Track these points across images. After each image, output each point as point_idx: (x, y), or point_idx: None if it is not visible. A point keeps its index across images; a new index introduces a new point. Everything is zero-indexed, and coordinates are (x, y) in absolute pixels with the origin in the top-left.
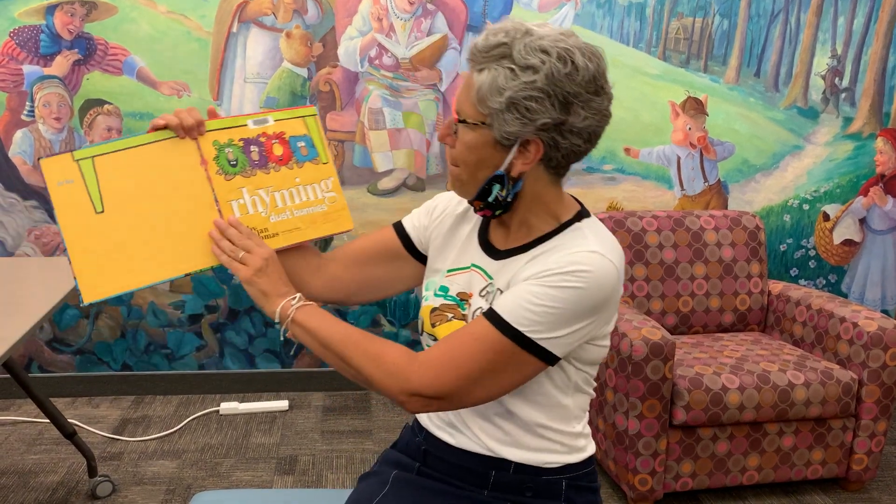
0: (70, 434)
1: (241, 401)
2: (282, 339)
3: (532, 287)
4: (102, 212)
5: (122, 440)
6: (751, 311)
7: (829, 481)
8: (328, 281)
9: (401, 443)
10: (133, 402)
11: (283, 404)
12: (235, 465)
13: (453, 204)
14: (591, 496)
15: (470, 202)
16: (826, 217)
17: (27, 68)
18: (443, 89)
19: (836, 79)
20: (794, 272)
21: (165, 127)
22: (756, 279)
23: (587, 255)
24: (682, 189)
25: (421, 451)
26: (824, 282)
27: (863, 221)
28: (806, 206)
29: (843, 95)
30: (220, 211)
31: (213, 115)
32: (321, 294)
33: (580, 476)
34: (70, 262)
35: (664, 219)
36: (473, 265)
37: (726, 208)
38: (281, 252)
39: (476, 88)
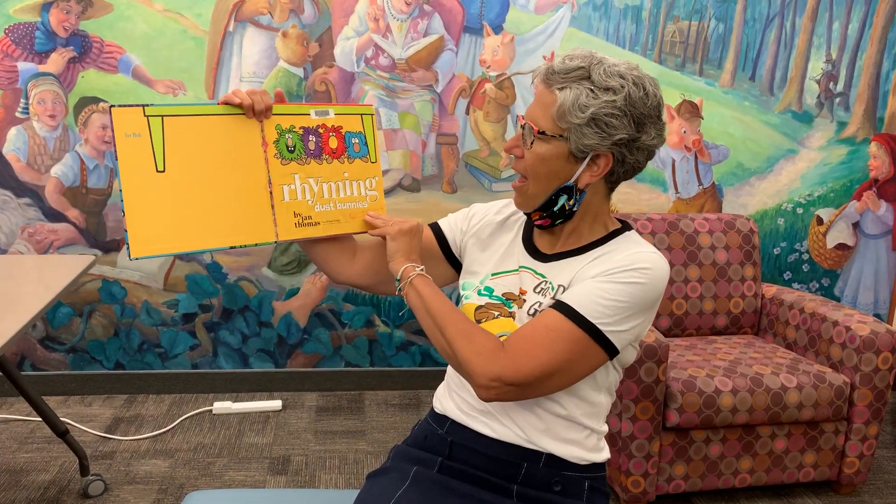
0: (62, 433)
1: (235, 400)
2: (397, 291)
3: (601, 283)
4: (163, 171)
5: (114, 439)
6: (744, 314)
7: (821, 484)
8: (361, 268)
9: (416, 439)
10: (126, 400)
11: (276, 404)
12: (228, 465)
13: (491, 213)
14: (605, 501)
15: (529, 213)
16: (820, 221)
17: (22, 65)
18: (439, 90)
19: (831, 83)
20: (787, 276)
21: (239, 104)
22: (750, 282)
23: (649, 255)
24: (677, 192)
25: (447, 443)
26: (817, 285)
27: (856, 226)
28: (800, 210)
29: (838, 100)
30: (271, 192)
31: (280, 99)
32: (353, 279)
33: (599, 479)
34: (124, 215)
35: (658, 221)
36: (522, 267)
37: (720, 211)
38: (320, 238)
39: (558, 104)
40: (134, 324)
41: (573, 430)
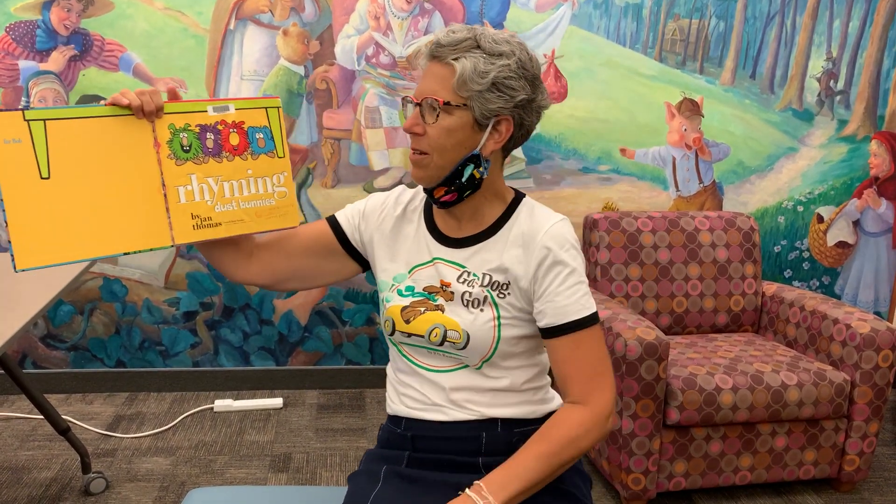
0: (64, 430)
1: (236, 398)
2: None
3: (567, 281)
4: (48, 178)
5: (115, 437)
6: (745, 312)
7: (821, 482)
8: (260, 267)
9: (381, 441)
10: (127, 398)
11: (277, 402)
12: (229, 463)
13: (389, 206)
14: None
15: (431, 190)
16: (820, 219)
17: (23, 63)
18: None
19: (831, 81)
20: (787, 274)
21: (127, 105)
22: (750, 280)
23: (560, 224)
24: (678, 190)
25: (408, 438)
26: (818, 283)
27: (856, 224)
28: (800, 208)
29: (838, 98)
30: (165, 195)
31: (174, 96)
32: (251, 278)
33: None
34: (6, 225)
35: (659, 219)
36: (436, 258)
37: (721, 209)
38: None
39: (458, 74)
40: (135, 322)
41: (518, 395)
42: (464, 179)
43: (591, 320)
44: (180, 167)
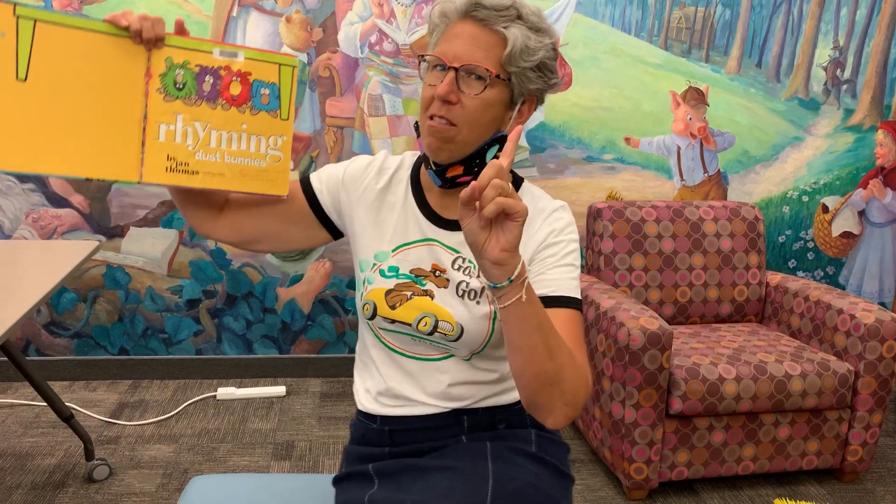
0: (67, 417)
1: (239, 386)
2: (488, 290)
3: (566, 259)
4: (24, 80)
5: (119, 424)
6: (749, 302)
7: (824, 472)
8: (227, 225)
9: (356, 438)
10: (130, 386)
11: (280, 390)
12: (232, 450)
13: (371, 175)
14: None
15: (445, 167)
16: (825, 209)
17: None
18: None
19: (838, 70)
20: (792, 264)
21: (126, 27)
22: (754, 270)
23: (562, 212)
24: (682, 179)
25: (385, 433)
26: (822, 274)
27: (862, 214)
28: (805, 198)
29: (845, 87)
30: (144, 129)
31: (181, 30)
32: (218, 235)
33: None
34: None
35: (663, 209)
36: (428, 239)
37: (725, 199)
38: (192, 191)
39: (510, 47)
40: (138, 309)
41: (501, 383)
42: (487, 161)
43: (580, 307)
44: (168, 104)
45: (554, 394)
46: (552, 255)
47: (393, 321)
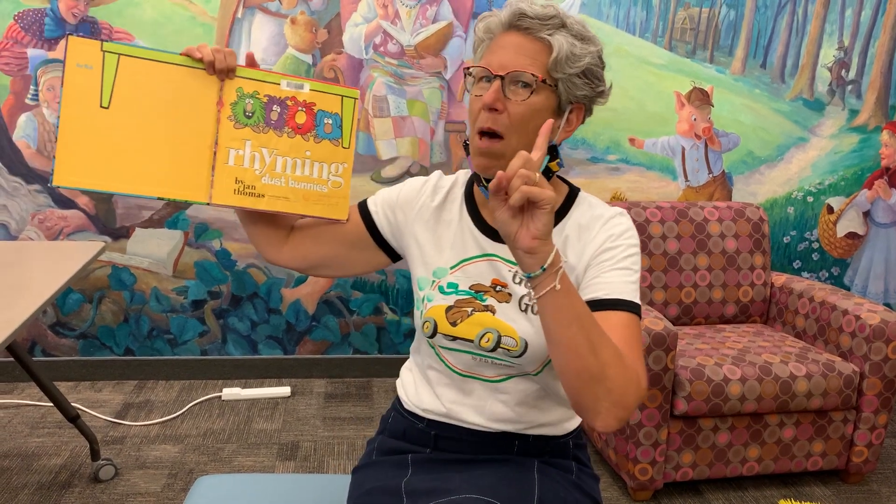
0: (73, 418)
1: (244, 387)
2: (523, 280)
3: (616, 267)
4: (107, 108)
5: (124, 424)
6: (753, 302)
7: (829, 473)
8: (292, 251)
9: (394, 433)
10: (136, 386)
11: (285, 390)
12: (237, 451)
13: (426, 195)
14: (585, 452)
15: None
16: (830, 210)
17: (31, 52)
18: (447, 77)
19: (843, 71)
20: (797, 264)
21: (200, 59)
22: (759, 271)
23: (621, 217)
24: (687, 180)
25: (430, 436)
26: (827, 274)
27: (867, 214)
28: (810, 199)
29: (850, 87)
30: (215, 153)
31: (251, 63)
32: (284, 261)
33: (578, 434)
34: (56, 141)
35: (668, 209)
36: (488, 254)
37: (730, 200)
38: (258, 213)
39: (556, 52)
40: (143, 310)
41: (555, 411)
42: (539, 171)
43: (637, 309)
44: (238, 131)
45: (599, 392)
46: (608, 259)
47: (454, 338)
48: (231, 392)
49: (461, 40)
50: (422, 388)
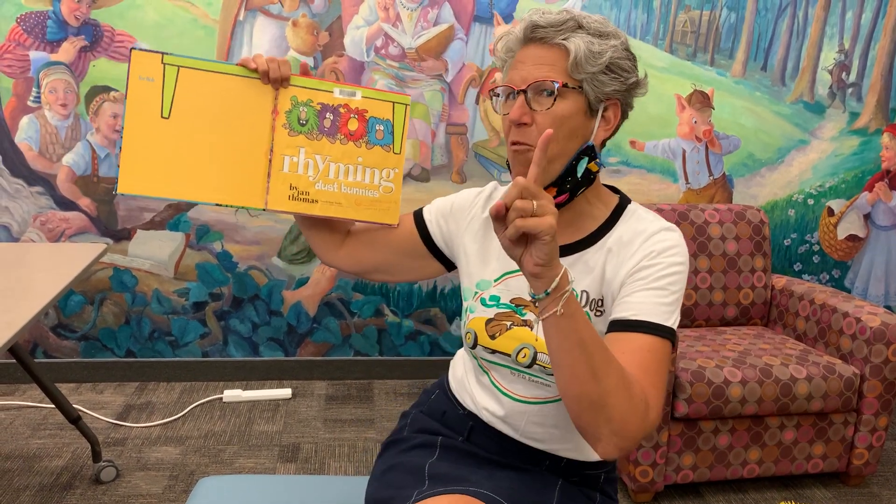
0: (75, 419)
1: (245, 388)
2: (534, 299)
3: (650, 286)
4: (167, 118)
5: (126, 426)
6: (754, 305)
7: (830, 475)
8: (347, 255)
9: (433, 411)
10: (137, 388)
11: (286, 392)
12: (238, 453)
13: (479, 205)
14: (615, 486)
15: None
16: (831, 212)
17: (34, 54)
18: (448, 80)
19: (843, 74)
20: (797, 267)
21: (255, 69)
22: (760, 273)
23: (667, 233)
24: (687, 182)
25: (467, 425)
26: (828, 277)
27: (867, 217)
28: (811, 201)
29: (850, 90)
30: (270, 160)
31: (305, 72)
32: (339, 264)
33: (611, 469)
34: (120, 151)
35: (668, 212)
36: None
37: (731, 202)
38: (313, 218)
39: (573, 55)
40: (145, 312)
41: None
42: (579, 175)
43: (667, 333)
44: (292, 138)
45: (599, 420)
46: (643, 277)
47: (493, 351)
48: (232, 394)
49: (462, 43)
50: (467, 384)
